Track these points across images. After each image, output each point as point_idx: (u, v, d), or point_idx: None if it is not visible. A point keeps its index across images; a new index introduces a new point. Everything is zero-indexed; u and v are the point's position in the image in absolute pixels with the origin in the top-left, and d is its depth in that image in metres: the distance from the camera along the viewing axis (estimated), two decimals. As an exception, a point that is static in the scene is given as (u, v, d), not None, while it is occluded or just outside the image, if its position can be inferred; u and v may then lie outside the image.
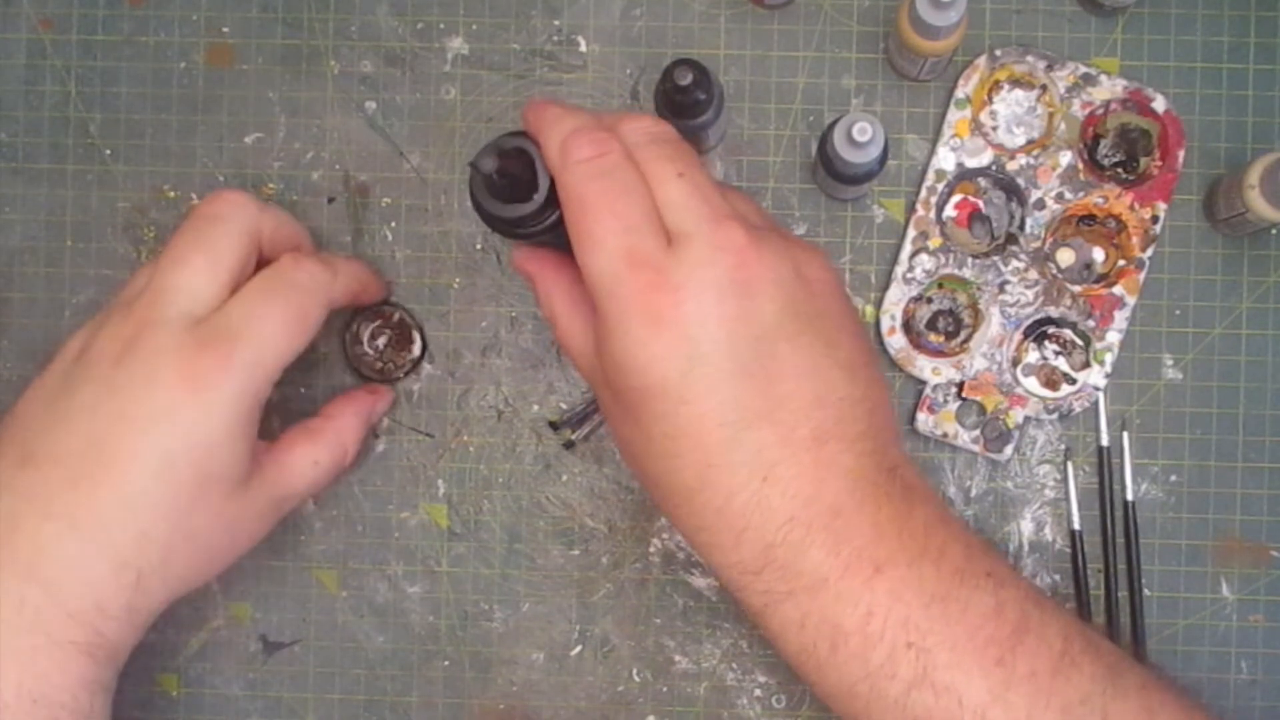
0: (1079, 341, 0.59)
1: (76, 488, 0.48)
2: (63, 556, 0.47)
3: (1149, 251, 0.58)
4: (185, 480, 0.48)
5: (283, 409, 0.60)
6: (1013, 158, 0.58)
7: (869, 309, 0.60)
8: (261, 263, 0.53)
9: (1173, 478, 0.59)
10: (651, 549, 0.60)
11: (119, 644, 0.49)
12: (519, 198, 0.49)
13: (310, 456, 0.54)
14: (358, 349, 0.60)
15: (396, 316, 0.60)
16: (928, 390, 0.58)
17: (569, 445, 0.60)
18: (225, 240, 0.51)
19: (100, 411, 0.48)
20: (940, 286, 0.59)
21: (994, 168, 0.58)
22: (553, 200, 0.50)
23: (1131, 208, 0.58)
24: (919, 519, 0.45)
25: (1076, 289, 0.58)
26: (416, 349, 0.60)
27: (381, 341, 0.60)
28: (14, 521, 0.47)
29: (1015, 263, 0.58)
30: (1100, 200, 0.58)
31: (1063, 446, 0.59)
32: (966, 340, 0.59)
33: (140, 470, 0.48)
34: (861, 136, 0.52)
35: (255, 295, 0.51)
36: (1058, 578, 0.59)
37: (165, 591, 0.50)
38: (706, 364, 0.44)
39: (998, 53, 0.58)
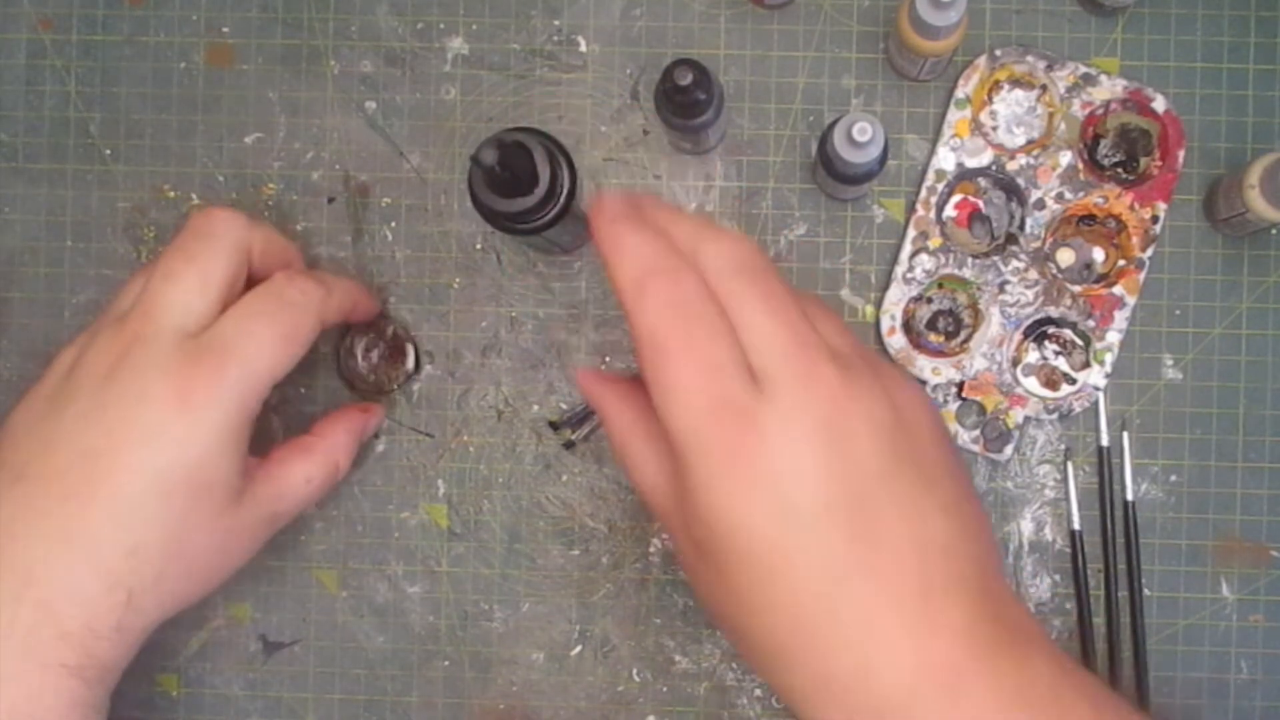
0: (1079, 341, 0.59)
1: (68, 504, 0.47)
2: (55, 576, 0.47)
3: (1149, 251, 0.58)
4: (177, 496, 0.48)
5: (282, 410, 0.60)
6: (1013, 158, 0.58)
7: (869, 309, 0.60)
8: (251, 279, 0.53)
9: (1173, 478, 0.59)
10: (651, 549, 0.60)
11: (110, 665, 0.48)
12: (519, 192, 0.50)
13: (303, 473, 0.54)
14: (351, 363, 0.60)
15: (390, 330, 0.60)
16: (928, 390, 0.58)
17: (569, 445, 0.60)
18: (216, 256, 0.51)
19: (92, 427, 0.48)
20: (940, 286, 0.59)
21: (994, 168, 0.58)
22: (552, 195, 0.51)
23: (1131, 208, 0.58)
24: (1041, 675, 0.41)
25: (1076, 289, 0.58)
26: (410, 362, 0.60)
27: (375, 355, 0.60)
28: (5, 539, 0.47)
29: (1015, 263, 0.58)
30: (1100, 200, 0.58)
31: (1063, 446, 0.59)
32: (966, 340, 0.59)
33: (132, 486, 0.47)
34: (861, 136, 0.52)
35: (248, 311, 0.50)
36: (1058, 578, 0.59)
37: (157, 610, 0.49)
38: (803, 520, 0.40)
39: (998, 53, 0.58)
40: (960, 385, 0.58)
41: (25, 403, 0.51)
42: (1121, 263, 0.58)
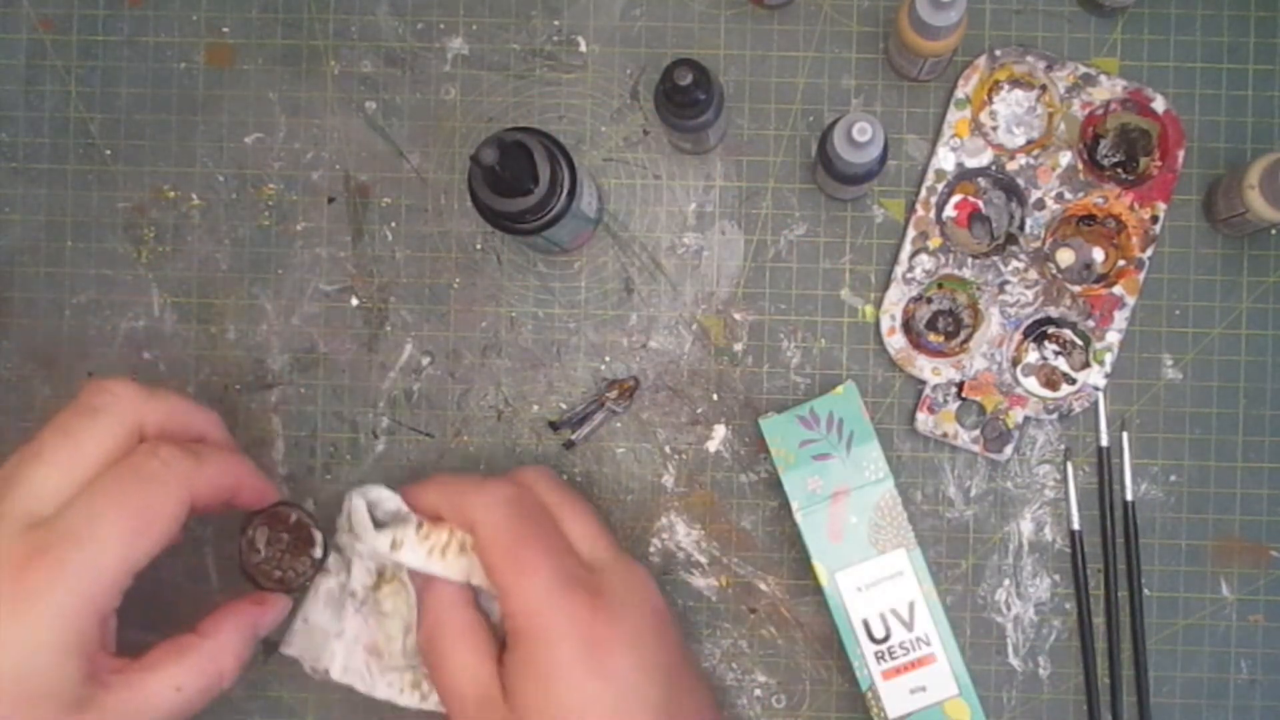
0: (1079, 341, 0.59)
1: None
2: None
3: (1149, 251, 0.58)
4: (3, 704, 0.43)
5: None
6: (1013, 158, 0.58)
7: (869, 309, 0.60)
8: None
9: (1172, 478, 0.59)
10: (651, 549, 0.60)
11: None
12: (519, 192, 0.50)
13: (172, 680, 0.47)
14: (253, 557, 0.53)
15: (294, 518, 0.54)
16: (928, 390, 0.59)
17: (569, 445, 0.60)
18: (93, 436, 0.47)
19: None
20: (940, 286, 0.59)
21: (994, 168, 0.58)
22: (552, 195, 0.51)
23: (1131, 208, 0.58)
24: None
25: (1076, 289, 0.58)
26: (318, 550, 0.54)
27: (279, 547, 0.54)
28: None
29: (1015, 263, 0.58)
30: (1100, 200, 0.58)
31: (1063, 446, 0.59)
32: (966, 340, 0.59)
33: None
34: (861, 136, 0.52)
35: (98, 493, 0.46)
36: (1058, 578, 0.59)
37: None
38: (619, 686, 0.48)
39: (998, 53, 0.58)
40: (960, 385, 0.58)
41: None
42: (1121, 263, 0.58)
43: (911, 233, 0.59)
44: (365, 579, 0.54)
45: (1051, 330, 0.59)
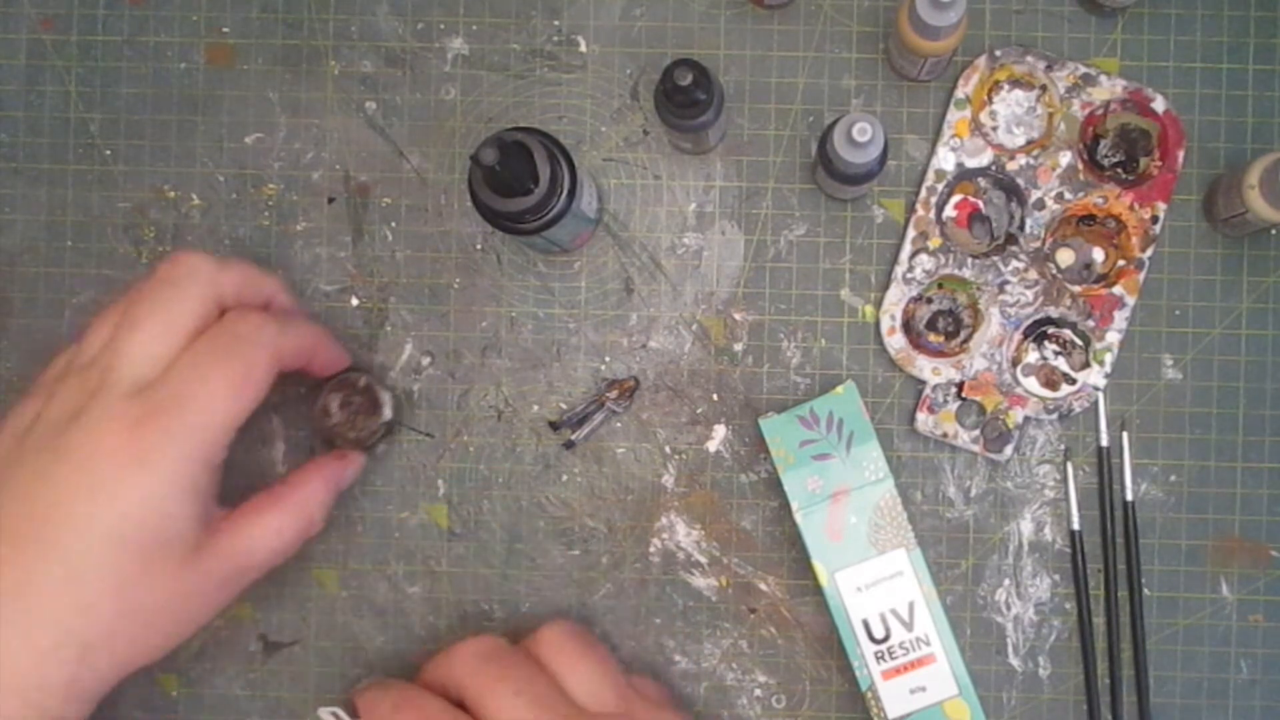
0: (1079, 341, 0.59)
1: (20, 559, 0.47)
2: (4, 630, 0.46)
3: (1149, 251, 0.58)
4: (131, 551, 0.47)
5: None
6: (1013, 158, 0.58)
7: (869, 309, 0.60)
8: None
9: (1172, 478, 0.59)
10: (651, 549, 0.60)
11: None
12: (519, 192, 0.50)
13: (273, 525, 0.52)
14: (328, 421, 0.58)
15: (363, 382, 0.58)
16: (928, 390, 0.59)
17: (569, 445, 0.60)
18: (181, 305, 0.50)
19: (47, 481, 0.47)
20: (940, 286, 0.59)
21: (994, 168, 0.58)
22: (552, 195, 0.51)
23: (1131, 208, 0.58)
24: None
25: (1076, 289, 0.58)
26: (387, 411, 0.59)
27: (350, 409, 0.58)
28: None
29: (1015, 263, 0.58)
30: (1100, 200, 0.58)
31: (1062, 446, 0.59)
32: (966, 340, 0.59)
33: (85, 541, 0.47)
34: (861, 136, 0.52)
35: (198, 357, 0.49)
36: (1057, 578, 0.59)
37: (113, 669, 0.48)
38: None
39: (998, 53, 0.58)
40: (960, 385, 0.58)
41: None
42: (1121, 263, 0.58)
43: (911, 233, 0.59)
44: None
45: (1051, 330, 0.59)
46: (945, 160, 0.58)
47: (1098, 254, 0.59)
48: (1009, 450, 0.58)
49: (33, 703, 0.46)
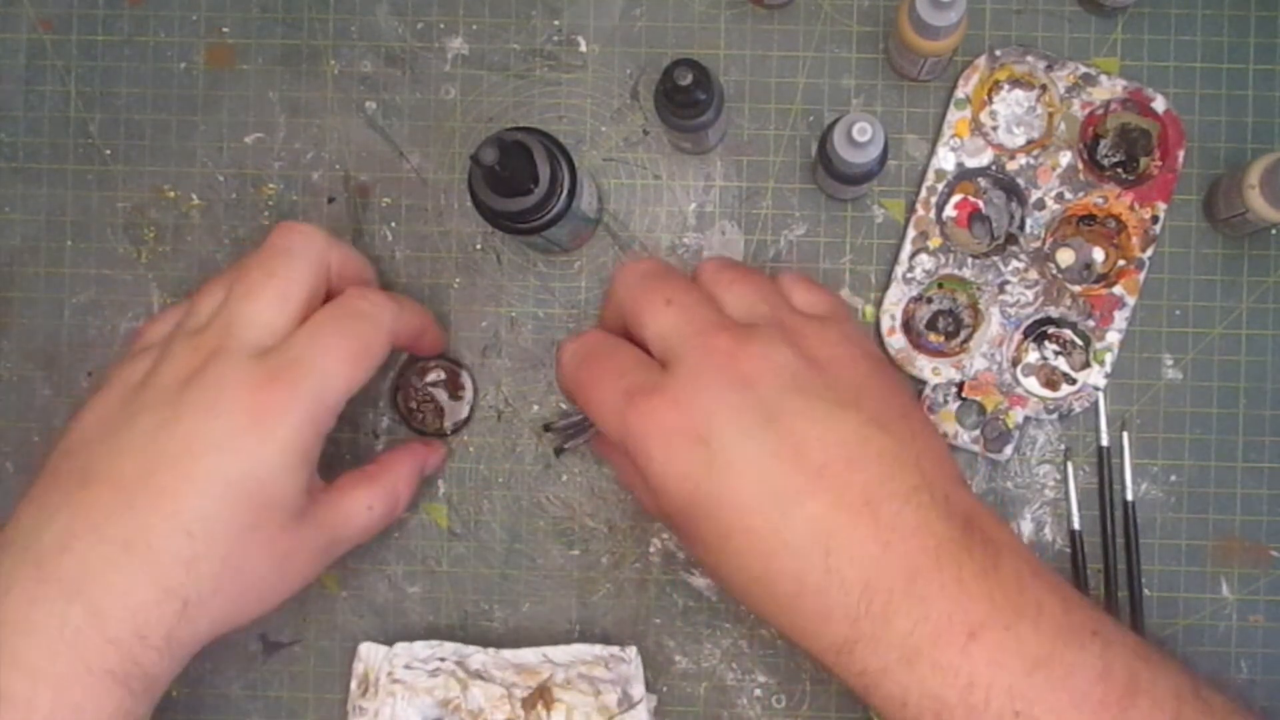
0: (1079, 341, 0.59)
1: (131, 511, 0.47)
2: (110, 579, 0.46)
3: (1149, 251, 0.58)
4: (241, 510, 0.48)
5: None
6: (1013, 158, 0.58)
7: (869, 309, 0.60)
8: (326, 296, 0.53)
9: (1173, 478, 0.59)
10: (651, 549, 0.60)
11: (156, 676, 0.48)
12: (519, 192, 0.50)
13: (365, 500, 0.54)
14: (411, 405, 0.60)
15: (450, 370, 0.60)
16: (928, 390, 0.59)
17: (558, 453, 0.60)
18: (296, 273, 0.51)
19: (162, 438, 0.48)
20: (940, 286, 0.59)
21: (994, 168, 0.58)
22: (552, 195, 0.51)
23: (1131, 208, 0.58)
24: (1008, 574, 0.44)
25: (1076, 289, 0.58)
26: (468, 397, 0.60)
27: (437, 395, 0.60)
28: (67, 541, 0.47)
29: (1015, 263, 0.58)
30: (1100, 200, 0.58)
31: (1063, 446, 0.59)
32: (966, 340, 0.59)
33: (197, 497, 0.47)
34: (861, 136, 0.52)
35: (321, 327, 0.50)
36: (1058, 578, 0.59)
37: (209, 625, 0.49)
38: (724, 458, 0.45)
39: (998, 53, 0.58)
40: (960, 385, 0.58)
41: (92, 410, 0.51)
42: (1121, 263, 0.58)
43: (911, 233, 0.59)
44: None
45: (1051, 330, 0.59)
46: (945, 160, 0.58)
47: (1098, 254, 0.59)
48: (1009, 450, 0.58)
49: (130, 655, 0.46)
